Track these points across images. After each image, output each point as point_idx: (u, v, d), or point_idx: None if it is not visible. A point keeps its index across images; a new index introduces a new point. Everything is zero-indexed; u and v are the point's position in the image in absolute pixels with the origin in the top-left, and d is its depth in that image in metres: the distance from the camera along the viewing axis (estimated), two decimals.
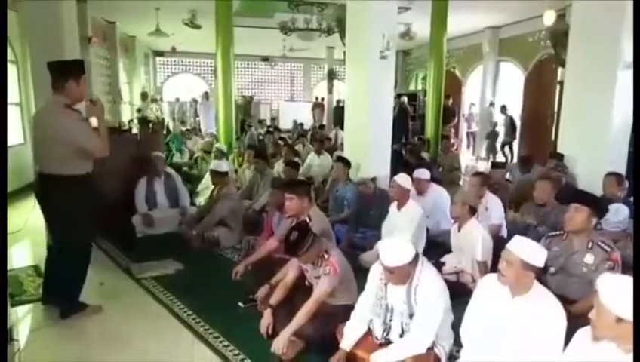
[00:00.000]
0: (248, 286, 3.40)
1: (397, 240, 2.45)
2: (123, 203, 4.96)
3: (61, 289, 3.11)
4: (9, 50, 7.45)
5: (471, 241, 3.50)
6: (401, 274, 2.35)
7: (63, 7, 4.30)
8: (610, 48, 5.00)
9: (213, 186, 5.09)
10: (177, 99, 16.85)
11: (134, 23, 11.93)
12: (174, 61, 18.19)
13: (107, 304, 3.35)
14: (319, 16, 10.03)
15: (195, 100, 16.50)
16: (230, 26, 8.21)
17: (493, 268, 3.61)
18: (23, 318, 3.25)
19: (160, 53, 17.56)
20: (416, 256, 2.39)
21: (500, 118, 11.64)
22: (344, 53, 5.79)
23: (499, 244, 3.66)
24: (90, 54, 9.95)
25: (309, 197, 3.45)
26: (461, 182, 7.93)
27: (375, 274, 2.57)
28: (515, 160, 9.85)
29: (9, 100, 7.40)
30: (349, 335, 2.57)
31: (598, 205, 2.95)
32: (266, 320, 2.88)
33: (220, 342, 2.91)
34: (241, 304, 3.37)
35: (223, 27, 8.16)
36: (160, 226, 4.98)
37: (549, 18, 7.64)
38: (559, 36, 7.17)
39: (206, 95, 14.11)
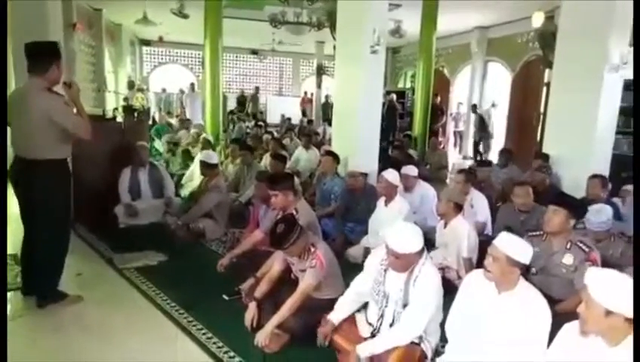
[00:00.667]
0: (233, 279, 3.37)
1: (408, 226, 2.42)
2: (106, 192, 4.86)
3: (39, 277, 3.03)
4: None
5: (456, 238, 3.51)
6: (406, 262, 2.34)
7: None
8: (597, 50, 5.06)
9: (201, 178, 5.00)
10: (164, 90, 16.62)
11: (121, 11, 11.71)
12: (161, 51, 17.94)
13: (87, 294, 3.28)
14: (309, 10, 9.96)
15: (182, 91, 16.27)
16: (219, 17, 8.12)
17: (479, 265, 3.66)
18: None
19: (147, 43, 17.28)
20: (424, 248, 2.39)
21: (471, 117, 11.78)
22: (334, 47, 5.74)
23: (484, 242, 3.72)
24: (74, 41, 9.75)
25: (293, 191, 3.42)
26: (448, 180, 7.99)
27: (376, 259, 2.55)
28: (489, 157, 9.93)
29: None
30: (340, 309, 2.58)
31: (575, 207, 3.00)
32: (251, 312, 2.86)
33: (204, 334, 2.87)
34: (225, 296, 3.33)
35: (212, 17, 8.07)
36: (144, 217, 4.88)
37: (538, 20, 7.70)
38: (547, 38, 7.23)
39: (192, 86, 13.95)
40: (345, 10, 5.19)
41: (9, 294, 3.23)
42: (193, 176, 6.25)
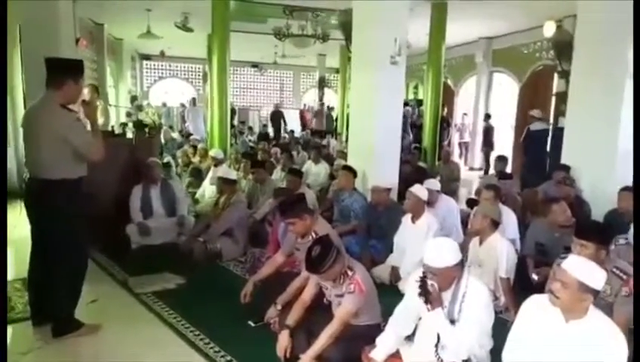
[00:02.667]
0: (257, 303, 3.17)
1: (443, 240, 2.31)
2: (117, 211, 4.67)
3: (54, 305, 2.82)
4: None
5: (493, 256, 3.34)
6: (448, 277, 2.21)
7: (59, 7, 4.05)
8: (617, 57, 4.94)
9: (214, 194, 4.81)
10: (164, 104, 16.48)
11: (123, 25, 11.62)
12: (162, 65, 17.87)
13: (105, 322, 3.07)
14: (314, 23, 9.90)
15: (182, 105, 16.16)
16: (227, 30, 8.02)
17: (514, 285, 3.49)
18: (10, 339, 2.94)
19: (147, 57, 17.21)
20: (462, 260, 2.25)
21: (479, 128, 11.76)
22: (348, 58, 5.62)
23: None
24: (77, 56, 9.61)
25: (309, 213, 3.22)
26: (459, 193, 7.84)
27: (414, 285, 2.38)
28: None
29: None
30: (382, 347, 2.43)
31: (604, 235, 2.78)
32: (284, 342, 2.65)
33: None
34: (251, 323, 3.13)
35: (219, 30, 7.96)
36: (156, 236, 4.68)
37: (550, 29, 7.63)
38: (562, 47, 7.13)
39: (193, 101, 13.82)
40: (362, 18, 5.04)
41: (20, 325, 3.02)
42: (205, 193, 6.07)
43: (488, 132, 11.17)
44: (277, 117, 15.58)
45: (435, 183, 4.60)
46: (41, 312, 2.89)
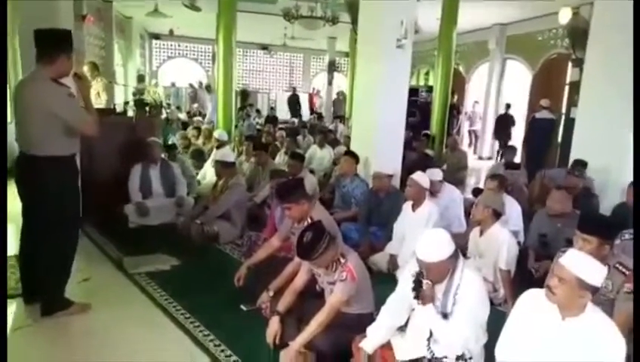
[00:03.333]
0: (251, 287, 3.13)
1: (434, 232, 2.21)
2: (115, 190, 4.63)
3: (43, 283, 2.79)
4: None
5: (494, 247, 3.25)
6: (441, 270, 2.13)
7: None
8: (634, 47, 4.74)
9: (214, 177, 4.74)
10: (173, 84, 16.43)
11: (132, 3, 11.48)
12: (171, 45, 17.74)
13: (96, 301, 3.04)
14: (324, 4, 9.71)
15: (191, 86, 16.08)
16: (234, 10, 7.87)
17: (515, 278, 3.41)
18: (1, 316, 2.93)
19: (156, 36, 17.08)
20: (457, 251, 2.17)
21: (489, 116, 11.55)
22: (355, 41, 5.47)
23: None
24: (83, 33, 9.54)
25: (307, 199, 3.14)
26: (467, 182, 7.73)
27: (408, 275, 2.30)
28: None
29: None
30: (373, 337, 2.35)
31: (608, 230, 2.65)
32: (273, 328, 2.60)
33: (222, 351, 2.63)
34: (243, 307, 3.09)
35: (226, 11, 7.81)
36: (154, 216, 4.65)
37: (565, 15, 7.39)
38: (578, 34, 6.91)
39: (208, 88, 13.70)
40: (368, 1, 4.90)
41: (11, 301, 3.01)
42: (206, 175, 6.01)
43: (507, 122, 10.89)
44: (294, 100, 15.49)
45: (437, 173, 4.47)
46: (32, 290, 2.86)
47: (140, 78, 10.50)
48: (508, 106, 11.00)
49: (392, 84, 4.70)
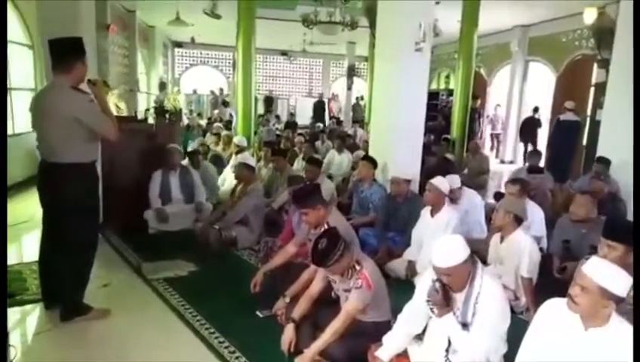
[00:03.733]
0: (267, 293, 3.12)
1: (448, 238, 2.17)
2: (136, 196, 4.70)
3: (62, 289, 2.83)
4: (26, 35, 7.27)
5: (515, 254, 3.16)
6: (460, 276, 2.08)
7: None
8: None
9: (233, 183, 4.75)
10: (195, 91, 16.69)
11: (154, 12, 11.72)
12: (193, 53, 18.02)
13: (114, 307, 3.07)
14: (343, 10, 9.70)
15: (212, 93, 16.31)
16: (253, 17, 7.91)
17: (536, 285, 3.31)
18: (22, 321, 2.99)
19: (179, 45, 17.39)
20: (473, 256, 2.11)
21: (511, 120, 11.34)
22: (373, 45, 5.44)
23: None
24: (107, 42, 9.76)
25: (323, 204, 3.12)
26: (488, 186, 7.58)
27: (425, 282, 2.26)
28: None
29: (26, 86, 7.22)
30: (390, 345, 2.32)
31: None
32: (288, 335, 2.58)
33: (237, 358, 2.61)
34: (259, 313, 3.08)
35: (245, 18, 7.87)
36: (174, 222, 4.70)
37: (590, 16, 7.20)
38: (603, 34, 6.72)
39: (225, 103, 13.92)
40: (386, 4, 4.85)
41: (32, 306, 3.07)
42: (225, 181, 6.05)
43: (534, 125, 10.64)
44: (320, 106, 15.57)
45: (456, 180, 4.35)
46: (52, 295, 2.91)
47: (162, 86, 10.68)
48: (535, 110, 10.74)
49: (411, 87, 4.63)
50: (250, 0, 7.88)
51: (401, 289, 3.12)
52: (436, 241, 2.14)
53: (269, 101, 16.79)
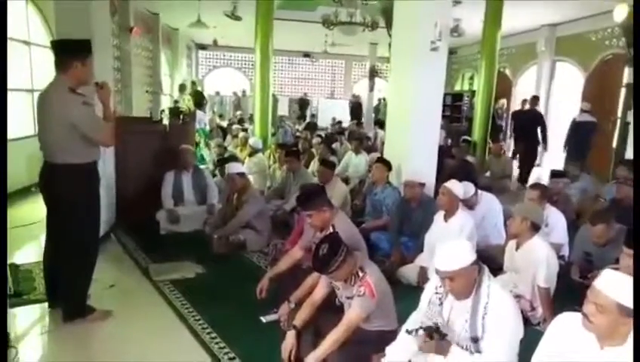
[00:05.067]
0: (272, 297, 3.04)
1: (451, 242, 2.04)
2: (148, 196, 4.70)
3: (65, 290, 2.83)
4: (49, 38, 7.42)
5: (532, 263, 3.00)
6: (465, 282, 1.96)
7: None
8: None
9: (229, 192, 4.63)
10: (217, 93, 16.85)
11: (176, 15, 11.85)
12: (216, 55, 18.21)
13: (118, 308, 3.06)
14: (363, 10, 9.59)
15: (235, 94, 16.43)
16: (270, 19, 7.91)
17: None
18: (27, 320, 2.99)
19: (203, 47, 17.59)
20: (479, 262, 1.99)
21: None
22: (389, 45, 5.32)
23: (561, 267, 3.18)
24: (130, 45, 9.91)
25: (328, 206, 3.00)
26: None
27: (429, 289, 2.15)
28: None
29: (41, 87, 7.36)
30: (392, 357, 2.20)
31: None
32: (289, 343, 2.48)
33: None
34: (263, 319, 3.00)
35: (263, 19, 7.88)
36: (185, 223, 4.69)
37: (620, 13, 6.88)
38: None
39: (244, 92, 13.97)
40: (403, 3, 4.73)
41: (39, 306, 3.07)
42: None
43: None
44: (356, 106, 15.50)
45: (470, 187, 4.15)
46: (55, 295, 2.91)
47: (182, 88, 10.77)
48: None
49: (426, 88, 4.49)
50: (269, 1, 7.86)
51: (412, 295, 2.96)
52: (440, 247, 2.02)
53: (304, 103, 16.91)
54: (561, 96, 11.33)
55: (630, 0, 7.07)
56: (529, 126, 8.49)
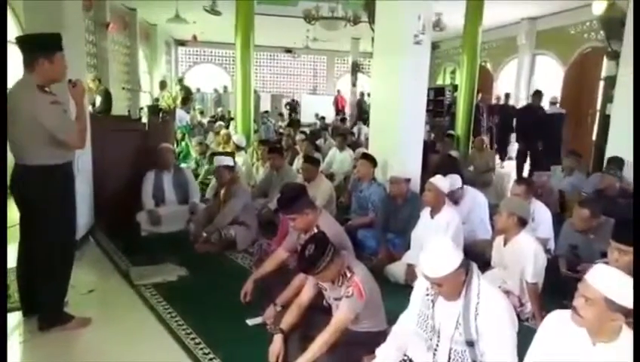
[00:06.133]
0: (258, 299, 2.98)
1: (437, 243, 1.95)
2: (128, 197, 4.57)
3: (39, 297, 2.69)
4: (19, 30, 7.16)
5: (519, 258, 2.98)
6: (453, 285, 1.90)
7: None
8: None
9: (217, 186, 4.55)
10: (198, 90, 16.59)
11: (155, 10, 11.61)
12: (196, 51, 17.93)
13: (97, 315, 2.93)
14: (345, 4, 9.53)
15: (216, 90, 16.21)
16: (251, 13, 7.79)
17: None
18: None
19: (182, 43, 17.28)
20: (467, 261, 1.93)
21: None
22: (372, 40, 5.26)
23: (547, 261, 3.16)
24: (107, 41, 9.66)
25: (311, 208, 2.92)
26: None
27: (419, 289, 2.10)
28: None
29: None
30: (382, 359, 2.15)
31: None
32: (276, 347, 2.42)
33: None
34: (249, 322, 2.92)
35: (244, 14, 7.75)
36: (167, 224, 4.56)
37: (599, 7, 6.94)
38: (613, 25, 6.48)
39: (225, 88, 13.78)
40: None
41: (11, 315, 2.93)
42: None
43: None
44: (360, 104, 15.40)
45: (457, 180, 4.16)
46: (29, 303, 2.78)
47: (162, 85, 10.57)
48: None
49: (411, 82, 4.45)
50: None
51: (400, 294, 2.92)
52: (425, 250, 1.97)
53: (294, 106, 16.78)
54: (541, 89, 11.44)
55: None
56: (545, 126, 7.56)
